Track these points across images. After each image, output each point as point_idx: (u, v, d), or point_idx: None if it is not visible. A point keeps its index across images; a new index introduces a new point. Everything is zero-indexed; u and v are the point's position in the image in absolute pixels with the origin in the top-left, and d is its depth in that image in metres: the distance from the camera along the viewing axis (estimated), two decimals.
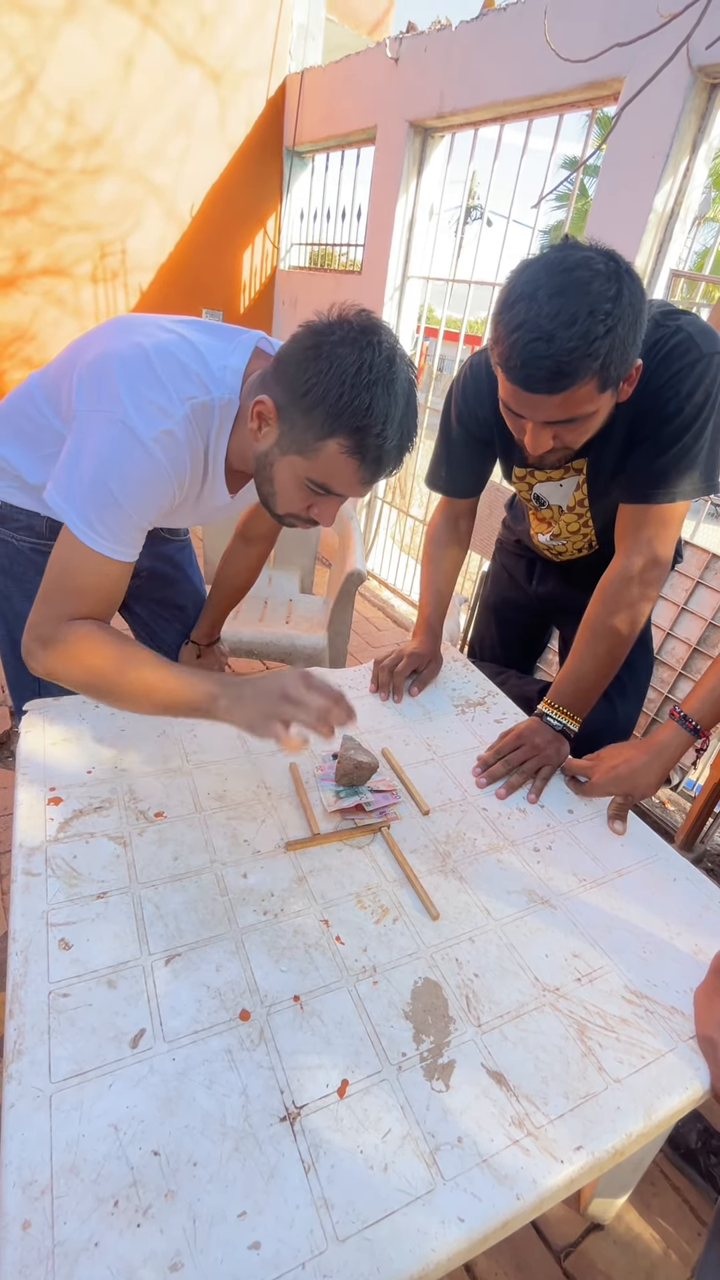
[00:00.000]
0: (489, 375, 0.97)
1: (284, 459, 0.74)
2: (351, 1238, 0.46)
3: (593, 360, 0.69)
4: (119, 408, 0.70)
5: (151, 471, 0.73)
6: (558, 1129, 0.53)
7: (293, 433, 0.71)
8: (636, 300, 0.70)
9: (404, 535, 3.22)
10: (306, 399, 0.68)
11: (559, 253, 0.70)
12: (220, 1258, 0.44)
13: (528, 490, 1.08)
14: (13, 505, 0.95)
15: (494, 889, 0.75)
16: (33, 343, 2.87)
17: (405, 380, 0.70)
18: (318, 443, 0.70)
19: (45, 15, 2.44)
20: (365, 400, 0.66)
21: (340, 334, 0.67)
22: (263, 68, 2.97)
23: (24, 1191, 0.45)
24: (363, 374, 0.66)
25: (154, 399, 0.71)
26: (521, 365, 0.70)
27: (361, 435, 0.68)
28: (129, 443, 0.71)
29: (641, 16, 1.58)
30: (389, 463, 0.72)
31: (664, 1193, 1.07)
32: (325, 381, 0.66)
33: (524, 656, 1.43)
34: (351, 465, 0.70)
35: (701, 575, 1.79)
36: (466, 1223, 0.47)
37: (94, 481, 0.71)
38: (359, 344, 0.67)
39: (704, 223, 1.84)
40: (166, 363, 0.73)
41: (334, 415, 0.67)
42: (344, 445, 0.69)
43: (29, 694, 1.00)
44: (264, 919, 0.67)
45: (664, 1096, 0.57)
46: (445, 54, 2.26)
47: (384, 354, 0.68)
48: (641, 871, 0.81)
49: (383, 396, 0.67)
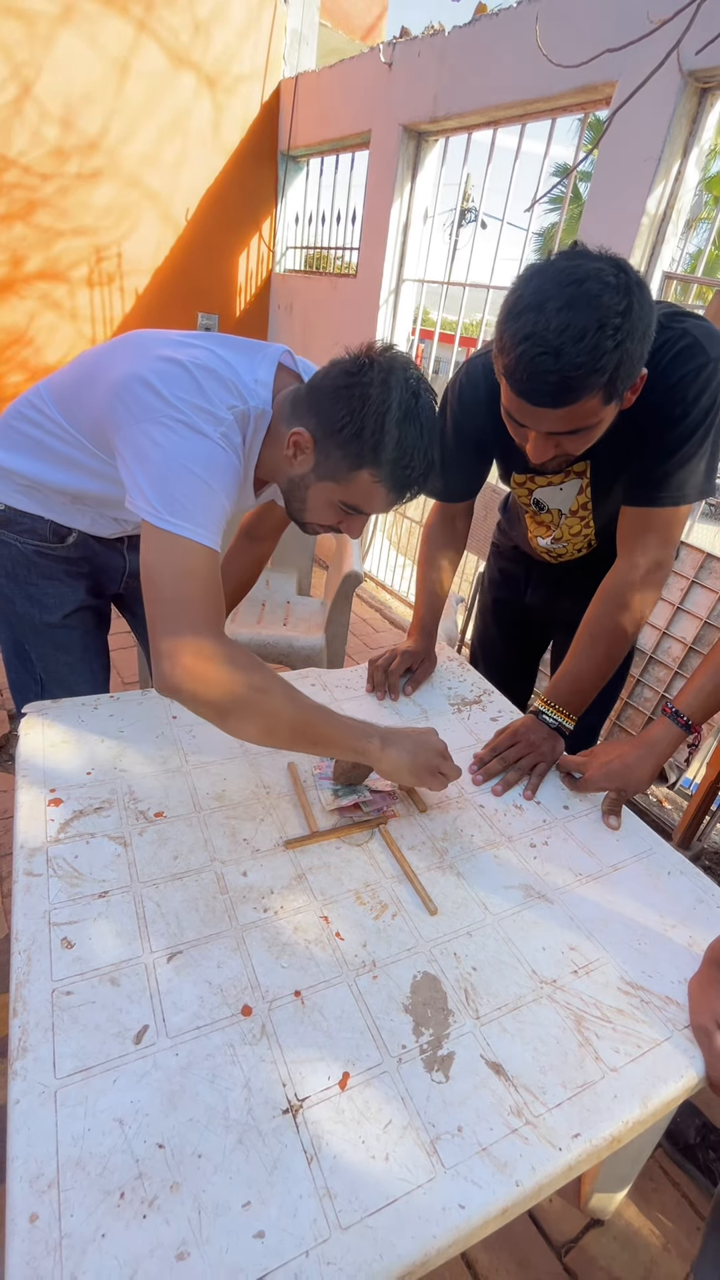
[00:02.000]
0: (487, 382, 0.96)
1: (319, 484, 0.80)
2: (354, 1226, 0.46)
3: (600, 375, 0.68)
4: (176, 412, 0.72)
5: (227, 461, 0.75)
6: (556, 1117, 0.54)
7: (328, 463, 0.78)
8: (646, 313, 0.69)
9: (401, 537, 3.23)
10: (342, 434, 0.74)
11: (569, 262, 0.69)
12: (226, 1247, 0.44)
13: (527, 495, 1.08)
14: (16, 509, 0.95)
15: (491, 884, 0.76)
16: (29, 347, 2.88)
17: (428, 410, 0.76)
18: (351, 473, 0.77)
19: (40, 20, 2.45)
20: (395, 436, 0.73)
21: (371, 375, 0.74)
22: (257, 72, 2.98)
23: (31, 1185, 0.46)
24: (393, 413, 0.73)
25: (204, 406, 0.73)
26: (528, 379, 0.70)
27: (392, 467, 0.75)
28: (197, 438, 0.72)
29: (632, 22, 1.59)
30: (416, 486, 0.80)
31: (663, 1188, 1.07)
32: (359, 420, 0.73)
33: (525, 658, 1.43)
34: (381, 491, 0.78)
35: (697, 575, 1.81)
36: (467, 1210, 0.48)
37: (178, 472, 0.71)
38: (389, 384, 0.73)
39: (697, 225, 1.85)
40: (206, 375, 0.75)
41: (368, 449, 0.74)
42: (376, 475, 0.76)
43: (30, 696, 1.01)
44: (264, 916, 0.68)
45: (660, 1085, 0.58)
46: (438, 58, 2.27)
47: (410, 390, 0.74)
48: (637, 866, 0.82)
49: (411, 431, 0.74)
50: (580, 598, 1.00)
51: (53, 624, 1.02)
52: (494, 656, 1.41)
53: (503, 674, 1.35)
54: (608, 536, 1.03)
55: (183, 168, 2.93)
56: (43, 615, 1.01)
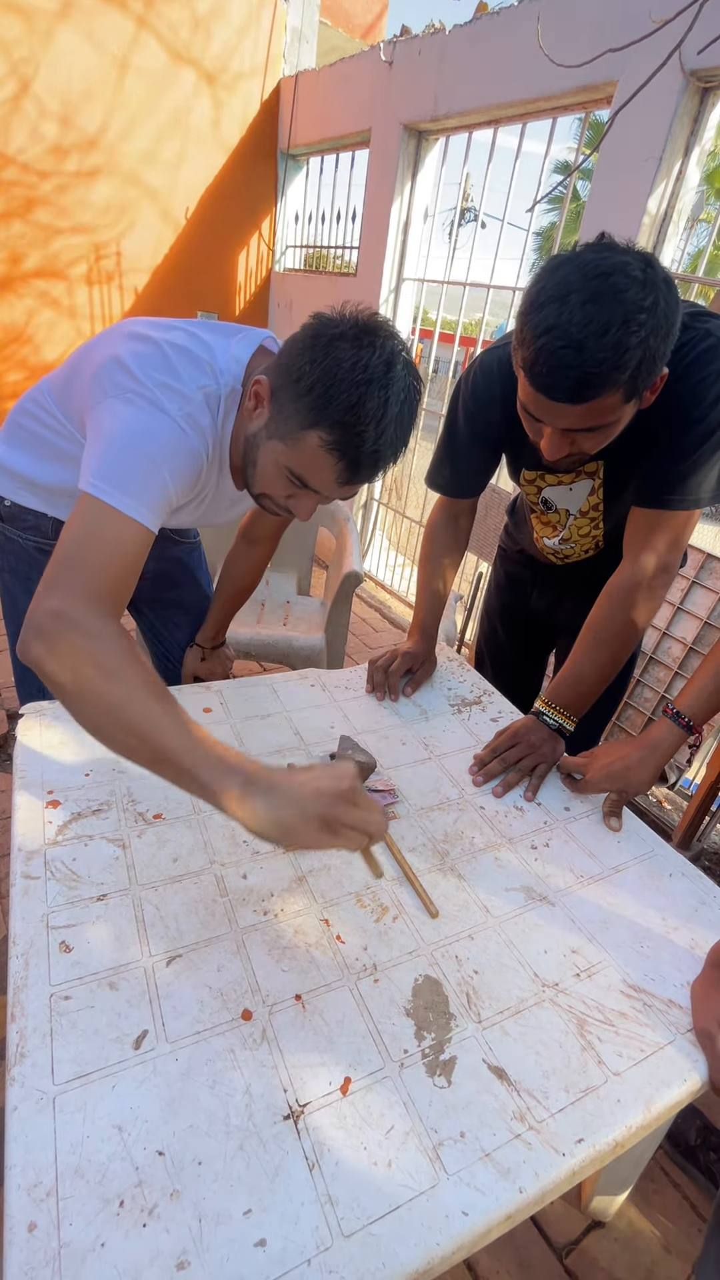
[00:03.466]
0: (501, 377, 0.94)
1: (268, 443, 0.73)
2: (357, 1233, 0.46)
3: (621, 372, 0.66)
4: (142, 389, 0.71)
5: (183, 442, 0.72)
6: (559, 1122, 0.54)
7: (281, 418, 0.71)
8: (671, 311, 0.67)
9: (400, 537, 3.22)
10: (298, 385, 0.67)
11: (594, 254, 0.67)
12: (226, 1256, 0.44)
13: (536, 493, 1.07)
14: (21, 505, 0.95)
15: (492, 886, 0.76)
16: (28, 345, 2.87)
17: (403, 388, 0.68)
18: (300, 432, 0.69)
19: (39, 17, 2.44)
20: (353, 397, 0.65)
21: (344, 328, 0.67)
22: (257, 70, 2.97)
23: (29, 1194, 0.45)
24: (356, 371, 0.65)
25: (172, 384, 0.72)
26: (548, 372, 0.68)
27: (343, 432, 0.67)
28: (158, 415, 0.70)
29: (634, 21, 1.59)
30: (366, 466, 0.70)
31: (664, 1189, 1.07)
32: (317, 371, 0.66)
33: (531, 661, 1.41)
34: (328, 462, 0.69)
35: (697, 575, 1.81)
36: (470, 1216, 0.47)
37: (126, 445, 0.68)
38: (360, 342, 0.66)
39: (698, 224, 1.85)
40: (179, 354, 0.73)
41: (319, 406, 0.66)
42: (324, 439, 0.68)
43: (35, 694, 1.00)
44: (264, 919, 0.67)
45: (663, 1089, 0.57)
46: (439, 57, 2.27)
47: (383, 356, 0.66)
48: (638, 868, 0.82)
49: (372, 398, 0.65)
50: (585, 601, 1.00)
51: None
52: (500, 659, 1.40)
53: (509, 677, 1.35)
54: (615, 538, 1.02)
55: (182, 165, 2.92)
56: None
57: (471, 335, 2.79)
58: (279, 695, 1.05)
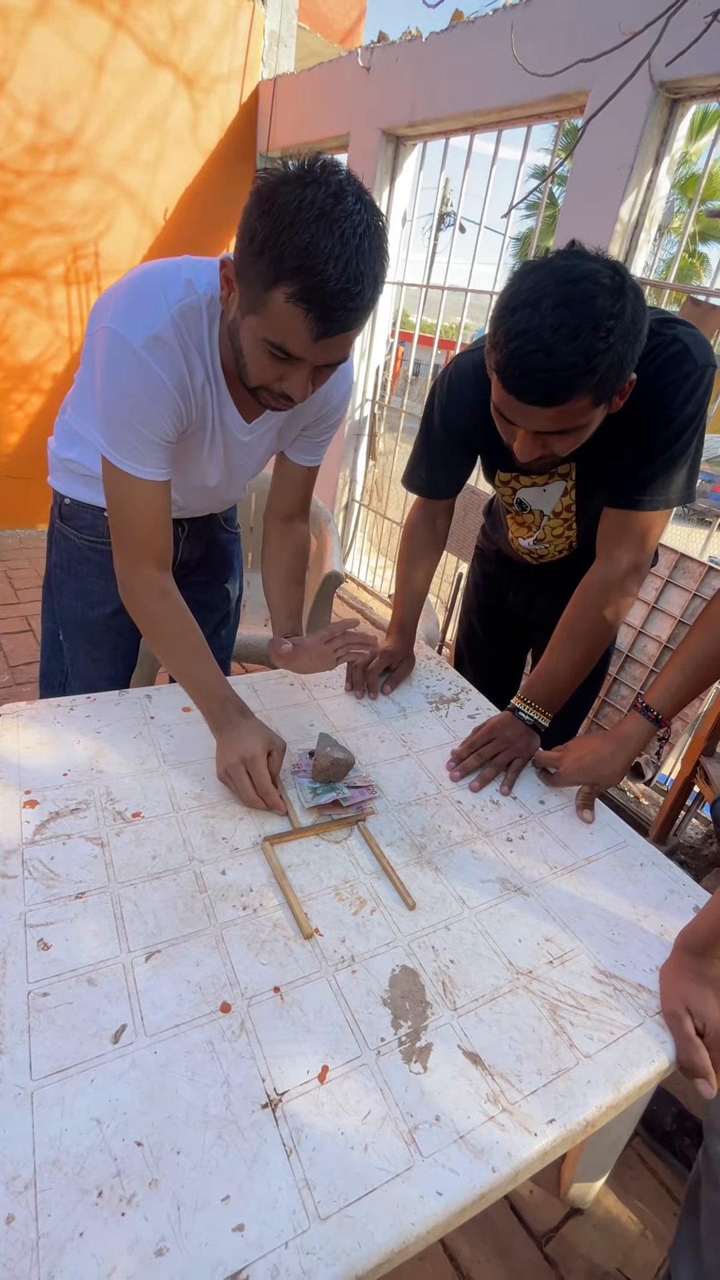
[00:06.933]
0: (476, 379, 0.95)
1: (245, 321, 0.69)
2: (333, 1216, 0.47)
3: (591, 376, 0.68)
4: (112, 319, 0.73)
5: (146, 381, 0.74)
6: (531, 1104, 0.55)
7: (249, 290, 0.66)
8: (639, 317, 0.69)
9: (381, 538, 3.24)
10: (253, 245, 0.63)
11: (565, 260, 0.69)
12: (204, 1241, 0.45)
13: (511, 495, 1.08)
14: (79, 501, 0.98)
15: (469, 878, 0.77)
16: (4, 345, 2.84)
17: (356, 219, 0.62)
18: (266, 294, 0.64)
19: (14, 15, 2.42)
20: (304, 239, 0.60)
21: (289, 173, 0.63)
22: (235, 73, 2.97)
23: (7, 1187, 0.46)
24: (302, 210, 0.60)
25: (141, 307, 0.73)
26: (519, 376, 0.70)
27: (302, 278, 0.62)
28: (122, 351, 0.73)
29: (605, 33, 1.62)
30: (337, 310, 0.64)
31: (641, 1176, 1.09)
32: (267, 224, 0.61)
33: (510, 660, 1.43)
34: (298, 315, 0.64)
35: (671, 575, 1.84)
36: (444, 1196, 0.49)
37: (105, 403, 0.77)
38: (303, 181, 0.61)
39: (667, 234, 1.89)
40: (153, 276, 0.75)
41: (276, 260, 0.62)
42: (288, 292, 0.63)
43: (55, 686, 1.07)
44: (243, 914, 0.68)
45: (632, 1070, 0.59)
46: (416, 64, 2.29)
47: (330, 190, 0.61)
48: (610, 858, 0.84)
49: (324, 235, 0.60)
50: (560, 600, 1.02)
51: (95, 620, 1.05)
52: (479, 658, 1.42)
53: (488, 675, 1.36)
54: (588, 539, 1.04)
55: (160, 166, 2.92)
56: (87, 610, 1.04)
57: (451, 339, 2.82)
58: (259, 694, 1.06)
